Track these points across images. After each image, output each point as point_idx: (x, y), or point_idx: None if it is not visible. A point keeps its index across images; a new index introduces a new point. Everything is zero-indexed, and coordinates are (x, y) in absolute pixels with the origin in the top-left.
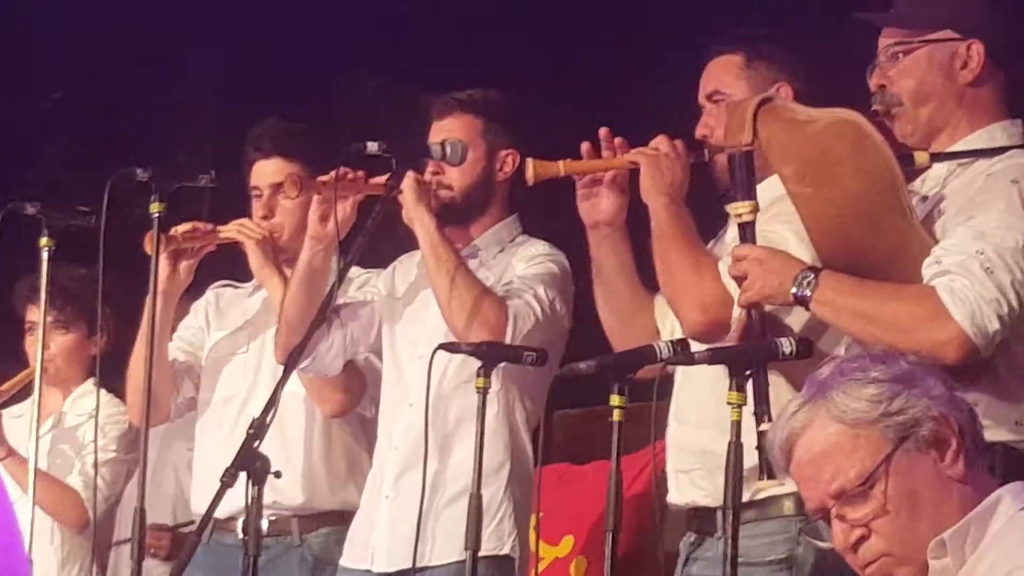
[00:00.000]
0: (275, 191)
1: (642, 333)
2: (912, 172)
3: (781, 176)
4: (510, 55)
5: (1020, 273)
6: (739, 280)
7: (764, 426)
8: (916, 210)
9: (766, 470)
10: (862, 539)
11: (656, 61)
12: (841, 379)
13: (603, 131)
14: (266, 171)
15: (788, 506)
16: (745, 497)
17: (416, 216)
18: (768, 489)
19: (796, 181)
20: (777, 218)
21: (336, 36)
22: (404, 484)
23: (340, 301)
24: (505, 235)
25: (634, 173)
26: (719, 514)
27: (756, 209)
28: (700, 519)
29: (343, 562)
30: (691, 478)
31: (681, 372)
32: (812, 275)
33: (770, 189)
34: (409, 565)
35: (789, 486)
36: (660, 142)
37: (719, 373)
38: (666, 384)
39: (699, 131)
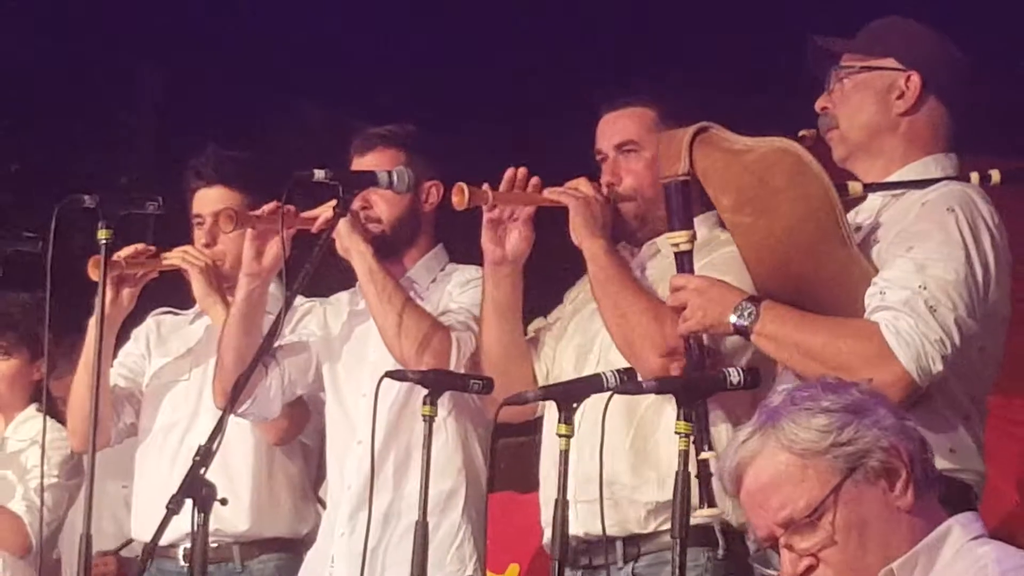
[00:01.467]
0: (217, 219)
1: (524, 379)
2: (846, 202)
3: (719, 206)
4: (437, 90)
5: (962, 308)
6: (677, 310)
7: (705, 454)
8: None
9: (706, 498)
10: (810, 568)
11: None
12: (792, 408)
13: (521, 170)
14: (208, 199)
15: (693, 536)
16: (650, 528)
17: (352, 245)
18: (705, 515)
19: (735, 211)
20: (711, 267)
21: (275, 65)
22: (360, 520)
23: (277, 343)
24: (435, 265)
25: (544, 212)
26: (619, 544)
27: (694, 238)
28: (594, 552)
29: None
30: (594, 508)
31: (586, 404)
32: (753, 306)
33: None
34: None
35: (697, 518)
36: (582, 183)
37: (635, 409)
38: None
39: (605, 178)
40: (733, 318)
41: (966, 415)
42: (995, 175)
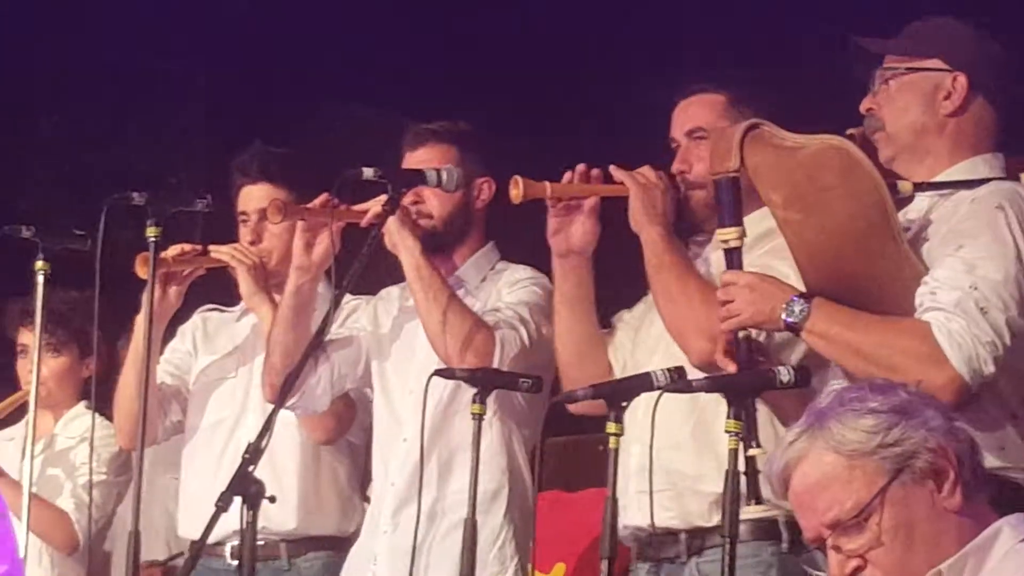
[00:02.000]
0: (262, 216)
1: (597, 370)
2: (896, 201)
3: (770, 203)
4: (489, 87)
5: (1013, 308)
6: (726, 305)
7: (752, 451)
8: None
9: (754, 494)
10: (858, 569)
11: (628, 95)
12: (839, 409)
13: (581, 166)
14: (253, 196)
15: (756, 530)
16: (713, 521)
17: (400, 240)
18: (752, 512)
19: (785, 208)
20: (773, 253)
21: (322, 64)
22: (403, 518)
23: (327, 337)
24: (486, 263)
25: (609, 203)
26: (683, 537)
27: (743, 235)
28: (659, 545)
29: None
30: (657, 499)
31: (643, 399)
32: (804, 303)
33: (760, 223)
34: None
35: (758, 510)
36: (647, 171)
37: (699, 399)
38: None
39: (676, 166)
40: (783, 315)
41: (1014, 414)
42: None
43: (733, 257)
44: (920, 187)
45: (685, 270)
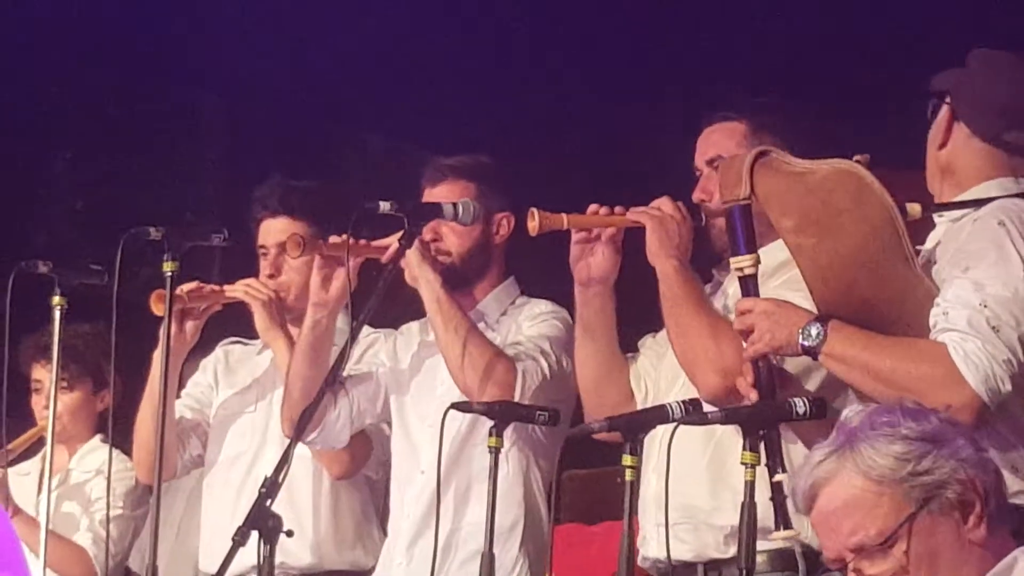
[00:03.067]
0: (282, 250)
1: (619, 398)
2: (908, 225)
3: (781, 229)
4: (507, 121)
5: (1020, 314)
6: (745, 334)
7: (779, 477)
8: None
9: (782, 520)
10: None
11: (648, 129)
12: (871, 432)
13: (603, 208)
14: (273, 229)
15: (772, 561)
16: (729, 553)
17: (420, 274)
18: (782, 537)
19: (797, 233)
20: (787, 285)
21: (343, 97)
22: (418, 549)
23: (346, 372)
24: (506, 297)
25: (630, 233)
26: (700, 569)
27: (758, 262)
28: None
29: None
30: (674, 532)
31: (661, 429)
32: (820, 326)
33: (774, 255)
34: None
35: (777, 542)
36: (664, 203)
37: (713, 431)
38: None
39: (696, 195)
40: (801, 339)
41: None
42: None
43: (749, 285)
44: (929, 208)
45: (698, 303)
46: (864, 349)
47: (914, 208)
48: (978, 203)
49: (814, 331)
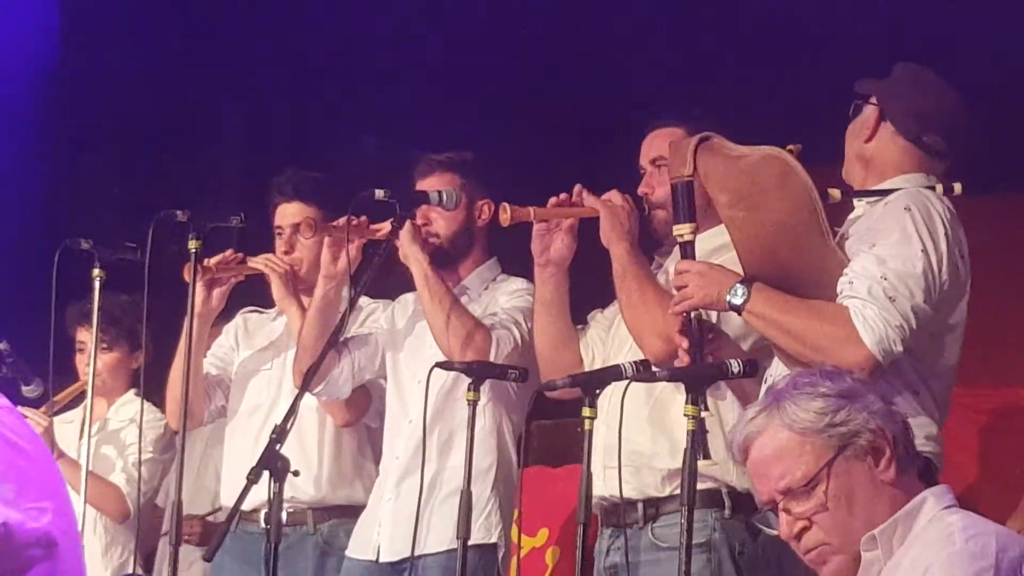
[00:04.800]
0: (295, 230)
1: (571, 363)
2: (829, 207)
3: (717, 203)
4: (485, 119)
5: (919, 296)
6: (680, 289)
7: (704, 414)
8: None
9: (703, 451)
10: (804, 530)
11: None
12: (794, 391)
13: (563, 195)
14: (288, 212)
15: (703, 499)
16: (665, 492)
17: (411, 254)
18: (704, 466)
19: (730, 207)
20: (733, 260)
21: (342, 98)
22: (405, 487)
23: (349, 334)
24: (488, 275)
25: (586, 222)
26: (640, 507)
27: (696, 230)
28: (621, 513)
29: (349, 553)
30: (615, 473)
31: (611, 387)
32: (745, 287)
33: (713, 239)
34: (409, 554)
35: (705, 483)
36: (614, 195)
37: (653, 388)
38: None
39: (641, 189)
40: (728, 297)
41: (915, 390)
42: (957, 187)
43: (687, 249)
44: (848, 194)
45: (645, 280)
46: (780, 309)
47: (835, 193)
48: (892, 191)
49: (740, 291)
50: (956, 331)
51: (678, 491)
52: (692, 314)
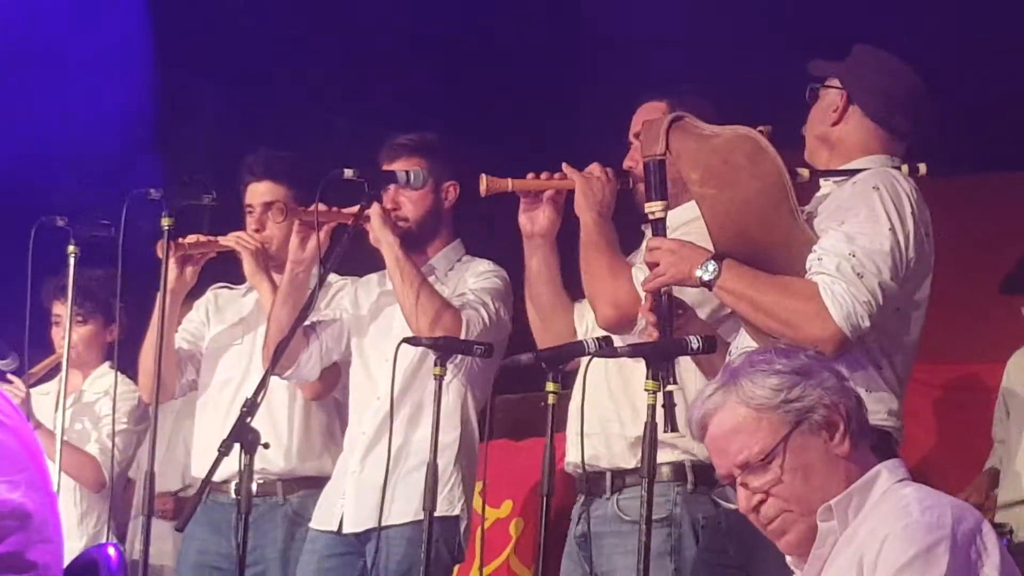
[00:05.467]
0: (266, 208)
1: (562, 331)
2: (798, 186)
3: (689, 181)
4: (456, 101)
5: (886, 273)
6: (652, 266)
7: (670, 387)
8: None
9: (671, 423)
10: (761, 503)
11: (583, 105)
12: (750, 369)
13: (544, 172)
14: (258, 192)
15: (666, 472)
16: (632, 463)
17: (382, 237)
18: (671, 438)
19: (702, 184)
20: (687, 236)
21: (312, 81)
22: (370, 460)
23: (319, 311)
24: (453, 255)
25: (571, 195)
26: (608, 476)
27: (667, 207)
28: (591, 482)
29: (313, 525)
30: (589, 441)
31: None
32: (716, 263)
33: (683, 214)
34: (372, 525)
35: (669, 455)
36: (593, 168)
37: (623, 361)
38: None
39: (626, 163)
40: (699, 272)
41: (879, 365)
42: (922, 168)
43: (659, 226)
44: (817, 173)
45: (604, 249)
46: (750, 285)
47: (803, 172)
48: (860, 171)
49: (711, 267)
50: (920, 308)
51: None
52: (663, 291)
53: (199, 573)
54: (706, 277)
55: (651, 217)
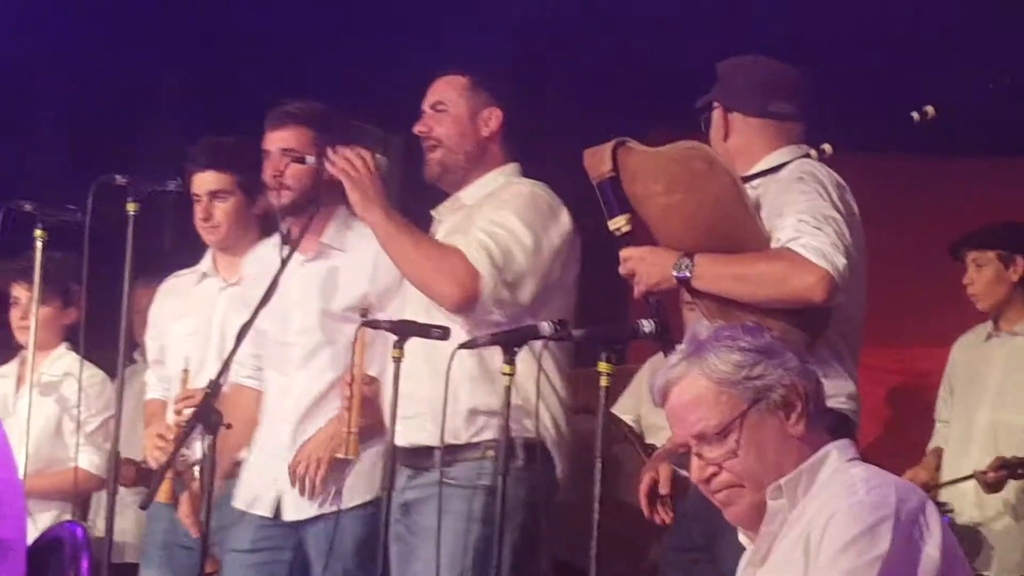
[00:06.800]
0: (212, 197)
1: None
2: None
3: (652, 193)
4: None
5: (842, 226)
6: (630, 277)
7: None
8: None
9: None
10: (714, 475)
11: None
12: (716, 343)
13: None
14: (203, 181)
15: (490, 453)
16: (463, 438)
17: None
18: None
19: (668, 193)
20: (499, 206)
21: (269, 67)
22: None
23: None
24: (343, 225)
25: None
26: (436, 452)
27: (631, 220)
28: (419, 456)
29: (236, 504)
30: (418, 423)
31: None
32: (688, 259)
33: (483, 187)
34: (317, 512)
35: (491, 433)
36: (355, 160)
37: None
38: None
39: (417, 128)
40: (675, 272)
41: (837, 350)
42: (827, 148)
43: (626, 238)
44: (744, 179)
45: (415, 235)
46: (727, 264)
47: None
48: (775, 169)
49: (684, 263)
50: (862, 288)
51: (474, 439)
52: (648, 297)
53: (167, 552)
54: (682, 274)
55: (617, 232)
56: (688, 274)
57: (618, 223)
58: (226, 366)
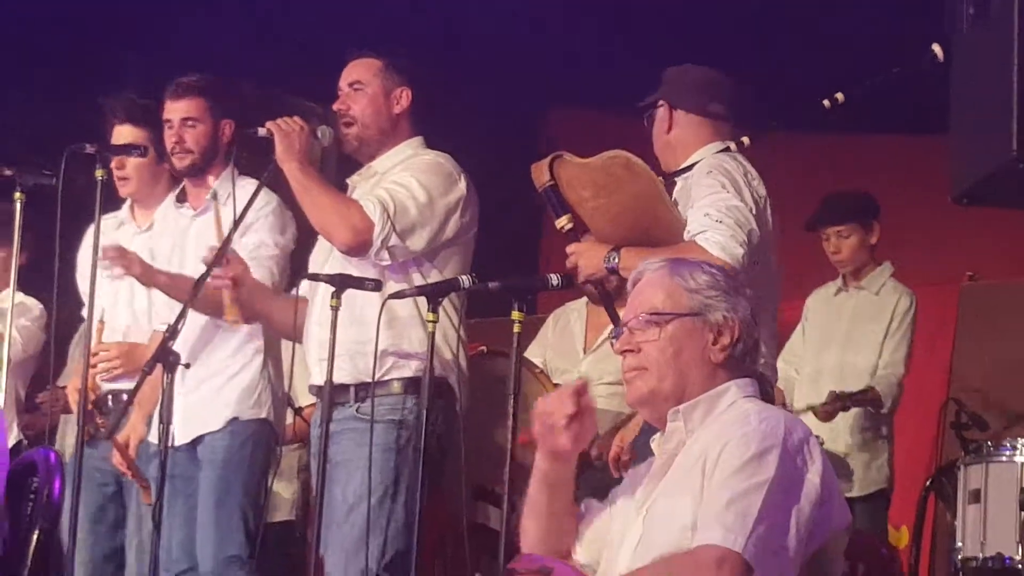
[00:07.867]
0: (125, 149)
1: None
2: None
3: (583, 198)
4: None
5: (744, 212)
6: (573, 268)
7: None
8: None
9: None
10: (631, 350)
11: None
12: (692, 264)
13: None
14: (121, 134)
15: (397, 387)
16: (376, 377)
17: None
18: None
19: (595, 198)
20: (402, 172)
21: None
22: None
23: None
24: (228, 184)
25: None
26: (352, 389)
27: (572, 220)
28: (336, 393)
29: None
30: (336, 363)
31: (322, 289)
32: (615, 252)
33: (394, 157)
34: (196, 435)
35: (406, 371)
36: (290, 121)
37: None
38: None
39: (336, 105)
40: (605, 263)
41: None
42: (746, 140)
43: (572, 236)
44: (667, 177)
45: (323, 186)
46: (648, 256)
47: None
48: (695, 164)
49: (612, 256)
50: (773, 260)
51: (387, 377)
52: (594, 283)
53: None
54: (611, 264)
55: (564, 230)
56: (616, 264)
57: (562, 223)
58: (183, 315)
